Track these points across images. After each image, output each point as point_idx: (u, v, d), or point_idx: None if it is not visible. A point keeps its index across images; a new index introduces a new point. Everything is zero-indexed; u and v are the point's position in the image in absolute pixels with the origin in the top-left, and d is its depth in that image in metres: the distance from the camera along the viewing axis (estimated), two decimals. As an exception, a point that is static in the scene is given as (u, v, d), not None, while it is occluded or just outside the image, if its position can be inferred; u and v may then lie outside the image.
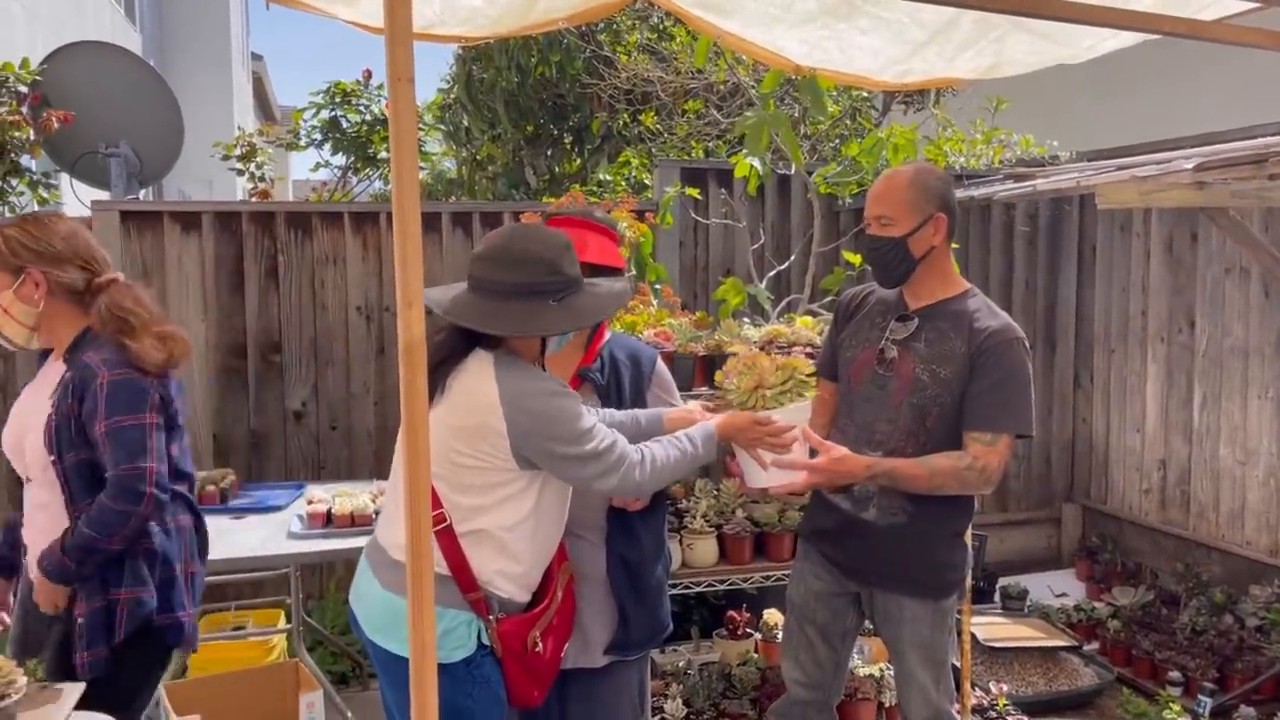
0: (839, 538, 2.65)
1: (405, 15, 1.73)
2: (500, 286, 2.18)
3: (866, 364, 2.61)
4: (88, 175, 5.17)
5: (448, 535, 2.20)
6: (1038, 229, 5.90)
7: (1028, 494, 6.01)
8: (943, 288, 2.60)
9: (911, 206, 2.52)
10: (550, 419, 2.16)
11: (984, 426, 2.45)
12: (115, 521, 2.31)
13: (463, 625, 2.21)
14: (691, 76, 6.21)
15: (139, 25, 13.16)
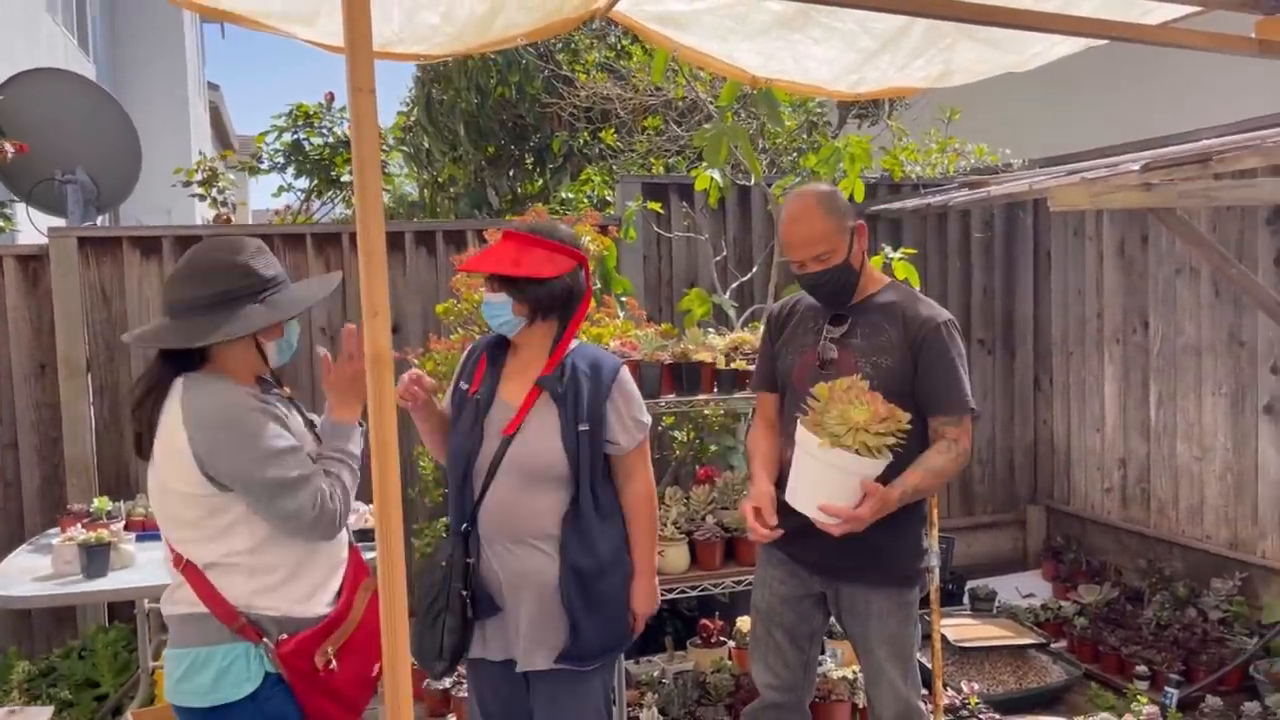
0: (801, 537, 2.66)
1: (365, 26, 1.75)
2: (198, 301, 2.14)
3: (808, 367, 2.67)
4: (44, 203, 5.12)
5: (193, 571, 2.13)
6: (994, 235, 6.01)
7: (992, 497, 6.08)
8: (867, 285, 2.73)
9: (838, 231, 2.62)
10: (232, 432, 2.08)
11: (950, 411, 2.58)
12: None
13: (240, 658, 2.12)
14: (650, 94, 6.27)
15: (92, 56, 13.04)
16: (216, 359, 2.20)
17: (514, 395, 2.57)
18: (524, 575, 2.50)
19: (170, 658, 2.17)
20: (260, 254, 2.24)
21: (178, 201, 11.16)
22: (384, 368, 1.73)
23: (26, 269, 4.54)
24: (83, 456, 4.53)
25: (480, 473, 2.53)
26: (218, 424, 2.09)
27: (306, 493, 2.12)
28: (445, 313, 4.10)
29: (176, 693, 2.16)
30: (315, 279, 2.40)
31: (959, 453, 2.57)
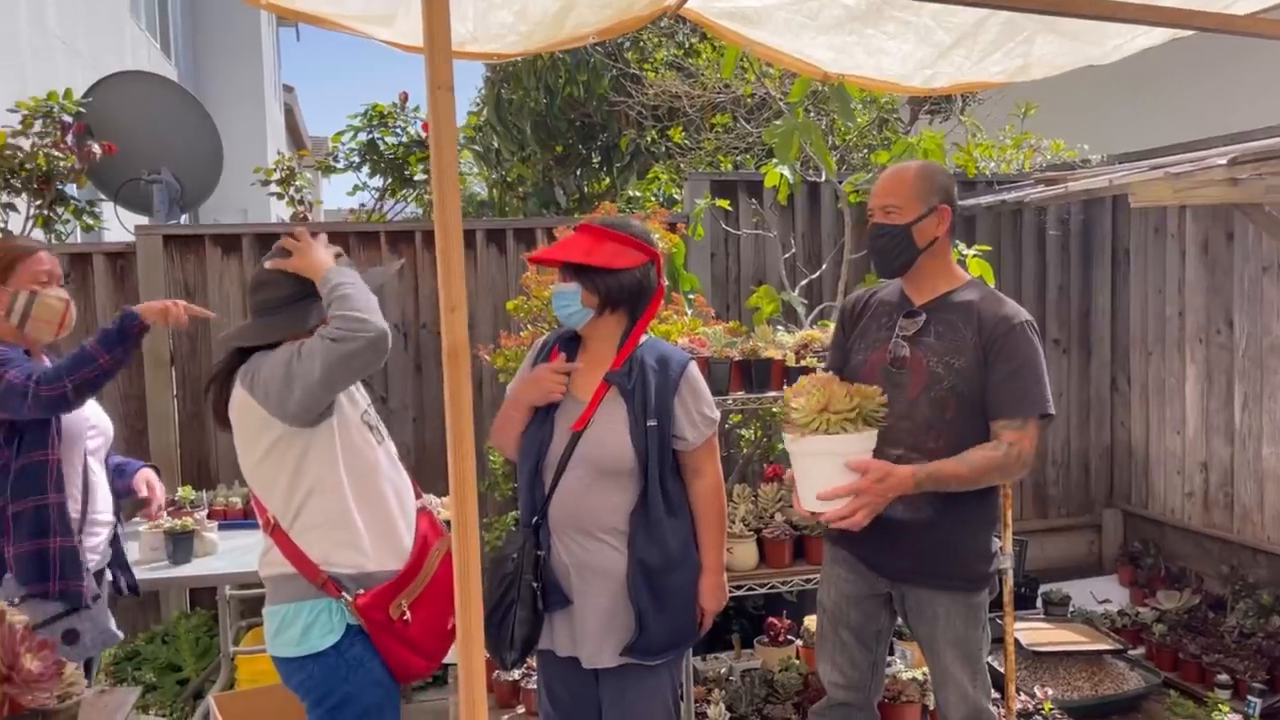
0: (867, 537, 2.63)
1: (444, 25, 1.79)
2: (272, 303, 2.41)
3: (878, 364, 2.63)
4: (131, 202, 5.29)
5: (280, 534, 2.37)
6: (1070, 232, 5.88)
7: (1067, 500, 5.96)
8: (945, 281, 2.65)
9: (917, 196, 2.59)
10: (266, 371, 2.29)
11: (1012, 413, 2.49)
12: None
13: (323, 613, 2.34)
14: (718, 91, 6.27)
15: (174, 60, 13.43)
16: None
17: (583, 390, 2.59)
18: (593, 569, 2.53)
19: (267, 614, 2.41)
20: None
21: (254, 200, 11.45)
22: (461, 360, 1.76)
23: (115, 266, 4.70)
24: (167, 447, 4.68)
25: (550, 467, 2.56)
26: (264, 370, 2.31)
27: (315, 343, 2.25)
28: (515, 309, 4.15)
29: (273, 645, 2.39)
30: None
31: (1013, 456, 2.45)
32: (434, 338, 4.96)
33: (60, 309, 2.70)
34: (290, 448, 2.34)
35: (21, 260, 2.67)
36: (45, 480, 2.60)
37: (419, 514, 2.55)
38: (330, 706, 2.36)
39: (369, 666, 2.37)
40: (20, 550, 2.57)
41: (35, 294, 2.65)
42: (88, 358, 2.54)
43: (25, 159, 4.72)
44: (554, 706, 2.71)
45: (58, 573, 2.60)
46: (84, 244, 5.26)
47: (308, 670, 2.35)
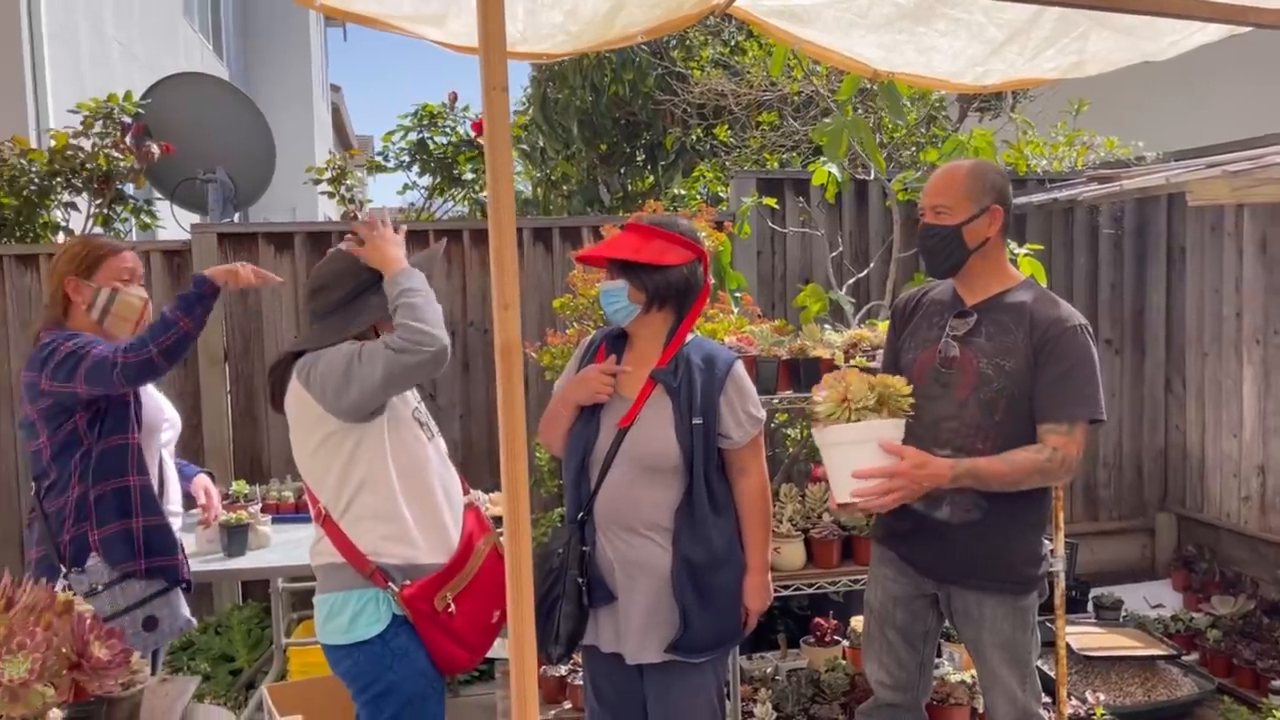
0: (913, 539, 2.64)
1: (499, 26, 1.81)
2: (329, 306, 2.48)
3: (928, 363, 2.60)
4: (186, 201, 5.40)
5: (330, 524, 2.43)
6: (1123, 231, 5.79)
7: (1119, 503, 5.87)
8: (998, 281, 2.61)
9: (968, 196, 2.55)
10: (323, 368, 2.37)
11: (1059, 417, 2.45)
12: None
13: (370, 602, 2.39)
14: (765, 89, 6.25)
15: (226, 61, 13.66)
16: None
17: (629, 387, 2.61)
18: (638, 565, 2.54)
19: (317, 602, 2.50)
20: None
21: (302, 199, 11.60)
22: (514, 358, 1.77)
23: (171, 263, 4.80)
24: (221, 442, 4.77)
25: (596, 463, 2.58)
26: (318, 365, 2.39)
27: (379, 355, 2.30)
28: (562, 307, 4.18)
29: (322, 632, 2.47)
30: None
31: (1057, 460, 2.42)
32: (481, 336, 5.00)
33: (139, 307, 2.78)
34: (343, 442, 2.40)
35: (107, 258, 2.75)
36: (126, 462, 2.67)
37: (466, 509, 2.60)
38: (375, 694, 2.41)
39: (413, 656, 2.42)
40: (105, 532, 2.64)
41: (117, 291, 2.74)
42: (169, 323, 2.59)
43: (86, 159, 4.84)
44: (599, 702, 2.73)
45: (143, 551, 2.67)
46: (141, 242, 5.37)
47: (354, 658, 2.41)
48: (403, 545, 2.41)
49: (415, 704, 2.43)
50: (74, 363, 2.56)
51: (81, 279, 2.72)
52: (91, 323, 2.73)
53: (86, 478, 2.64)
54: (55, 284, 2.75)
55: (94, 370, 2.55)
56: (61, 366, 2.57)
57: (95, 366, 2.55)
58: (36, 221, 4.89)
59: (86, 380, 2.56)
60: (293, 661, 4.07)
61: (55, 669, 1.51)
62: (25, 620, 1.50)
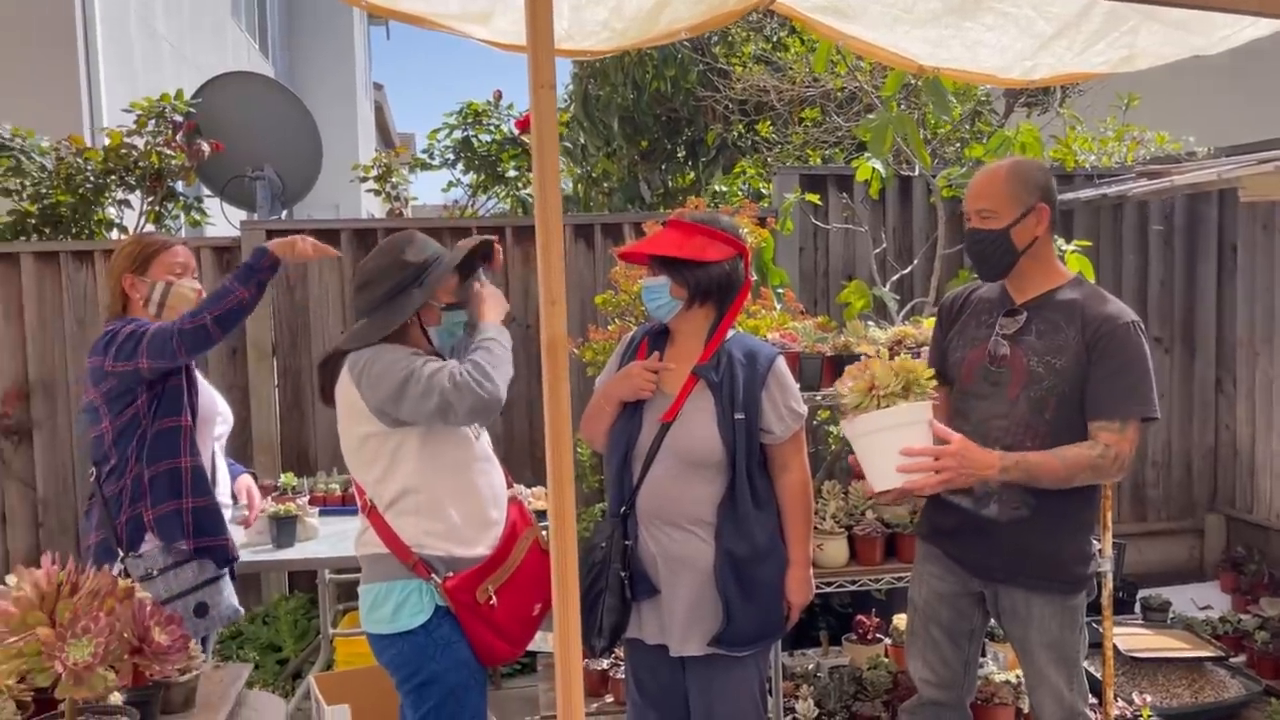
0: (960, 536, 2.62)
1: (547, 24, 1.82)
2: (374, 303, 2.51)
3: (977, 362, 2.58)
4: (235, 198, 5.49)
5: (375, 515, 2.48)
6: (1173, 228, 5.69)
7: (1167, 503, 5.78)
8: (1047, 279, 2.58)
9: (1012, 198, 2.52)
10: (377, 371, 2.41)
11: (1111, 415, 2.42)
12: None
13: (414, 593, 2.44)
14: (807, 85, 6.22)
15: (271, 60, 13.84)
16: (390, 340, 2.50)
17: (671, 383, 2.62)
18: (680, 559, 2.56)
19: (361, 591, 2.53)
20: (411, 244, 2.53)
21: (345, 196, 11.73)
22: (559, 353, 1.79)
23: (221, 259, 4.88)
24: (269, 435, 4.85)
25: (639, 458, 2.60)
26: (370, 371, 2.43)
27: (439, 386, 2.34)
28: (604, 304, 4.19)
29: (366, 621, 2.51)
30: (461, 242, 2.63)
31: (1109, 458, 2.38)
32: (523, 332, 5.03)
33: (193, 299, 2.87)
34: (387, 440, 2.45)
35: (159, 253, 2.86)
36: (179, 444, 2.76)
37: (509, 503, 2.64)
38: (418, 684, 2.45)
39: (456, 647, 2.46)
40: (159, 511, 2.72)
41: (171, 284, 2.84)
42: (226, 291, 2.66)
43: (139, 157, 4.93)
44: (641, 695, 2.74)
45: (191, 530, 2.75)
46: (191, 239, 5.47)
47: (398, 647, 2.45)
48: (445, 540, 2.46)
49: (458, 694, 2.47)
50: (135, 341, 2.66)
51: (137, 275, 2.83)
52: (150, 317, 2.83)
53: (142, 458, 2.73)
54: (114, 282, 2.87)
55: (155, 342, 2.65)
56: (124, 347, 2.67)
57: (155, 337, 2.65)
58: (92, 219, 5.00)
59: (149, 354, 2.65)
60: (339, 651, 4.13)
61: (117, 653, 1.56)
62: (89, 605, 1.55)
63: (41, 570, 1.59)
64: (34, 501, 4.78)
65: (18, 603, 1.53)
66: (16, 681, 1.56)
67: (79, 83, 6.65)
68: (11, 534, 4.78)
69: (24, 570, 1.59)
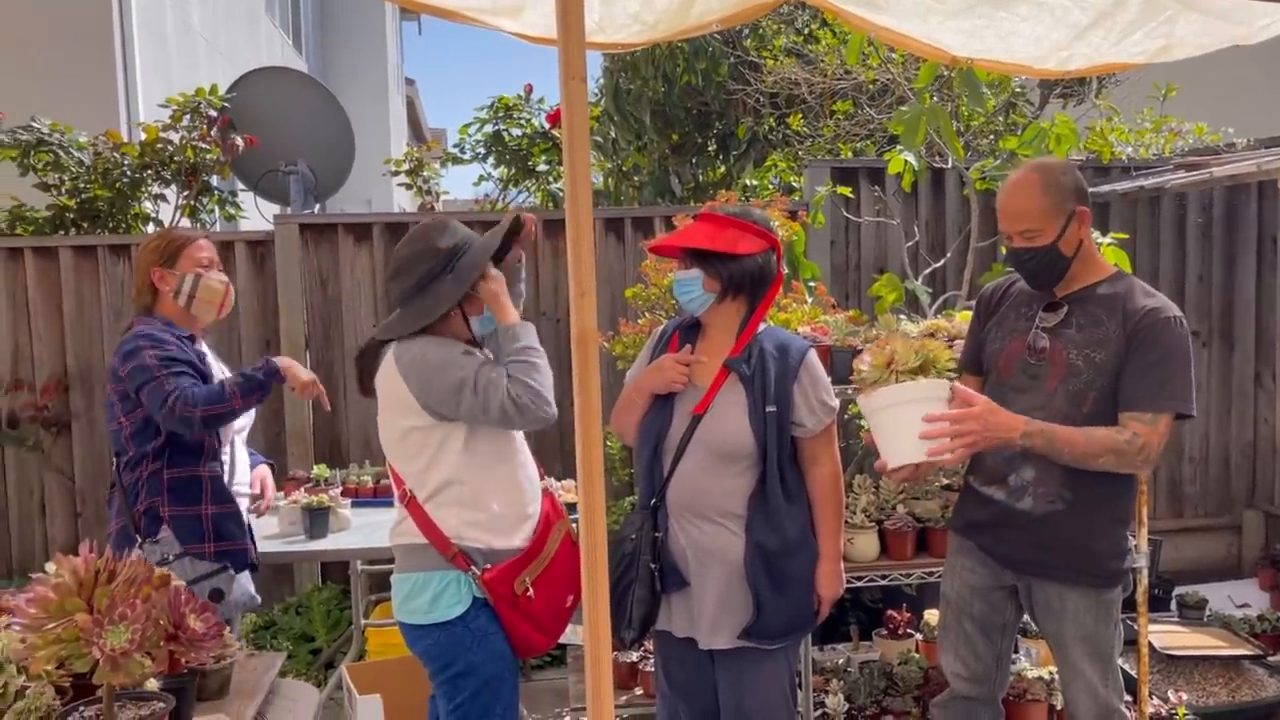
0: (994, 529, 2.61)
1: (578, 16, 1.82)
2: (407, 292, 2.50)
3: (1016, 354, 2.56)
4: (269, 192, 5.54)
5: (415, 506, 2.49)
6: (1212, 220, 5.61)
7: (1205, 499, 5.70)
8: (1090, 273, 2.56)
9: (1053, 210, 2.48)
10: (428, 369, 2.42)
11: (1144, 406, 2.39)
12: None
13: (452, 584, 2.45)
14: (839, 77, 6.18)
15: (304, 55, 13.96)
16: (429, 330, 2.51)
17: (703, 376, 2.62)
18: (710, 552, 2.56)
19: (395, 581, 2.53)
20: (439, 230, 2.53)
21: (378, 190, 11.81)
22: (590, 345, 1.80)
23: (254, 253, 4.93)
24: (301, 427, 4.89)
25: (669, 450, 2.60)
26: (418, 367, 2.44)
27: (498, 401, 2.39)
28: (634, 297, 4.19)
29: (401, 611, 2.51)
30: (490, 231, 2.63)
31: (1136, 446, 2.35)
32: (553, 325, 5.05)
33: (221, 291, 2.94)
34: (432, 434, 2.46)
35: (186, 247, 2.91)
36: (198, 454, 2.82)
37: (542, 495, 2.65)
38: (454, 674, 2.47)
39: (493, 639, 2.47)
40: (176, 513, 2.78)
41: (200, 277, 2.89)
42: (224, 396, 2.72)
43: (175, 152, 4.99)
44: (671, 687, 2.75)
45: (212, 536, 2.80)
46: (226, 232, 5.53)
47: (434, 637, 2.46)
48: (485, 531, 2.47)
49: (492, 686, 2.48)
50: (143, 378, 2.71)
51: (165, 269, 2.88)
52: (179, 308, 2.89)
53: (162, 458, 2.79)
54: (142, 276, 2.92)
55: (152, 396, 2.70)
56: (134, 373, 2.72)
57: (154, 392, 2.69)
58: (128, 213, 5.06)
59: (145, 398, 2.72)
60: (371, 642, 4.16)
61: (154, 640, 1.58)
62: (126, 592, 1.57)
63: (80, 558, 1.62)
64: (72, 492, 4.86)
65: (57, 589, 1.56)
66: (55, 667, 1.58)
67: (115, 78, 6.74)
68: (51, 524, 4.86)
69: (63, 558, 1.62)
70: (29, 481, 4.85)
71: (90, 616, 1.53)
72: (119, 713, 1.66)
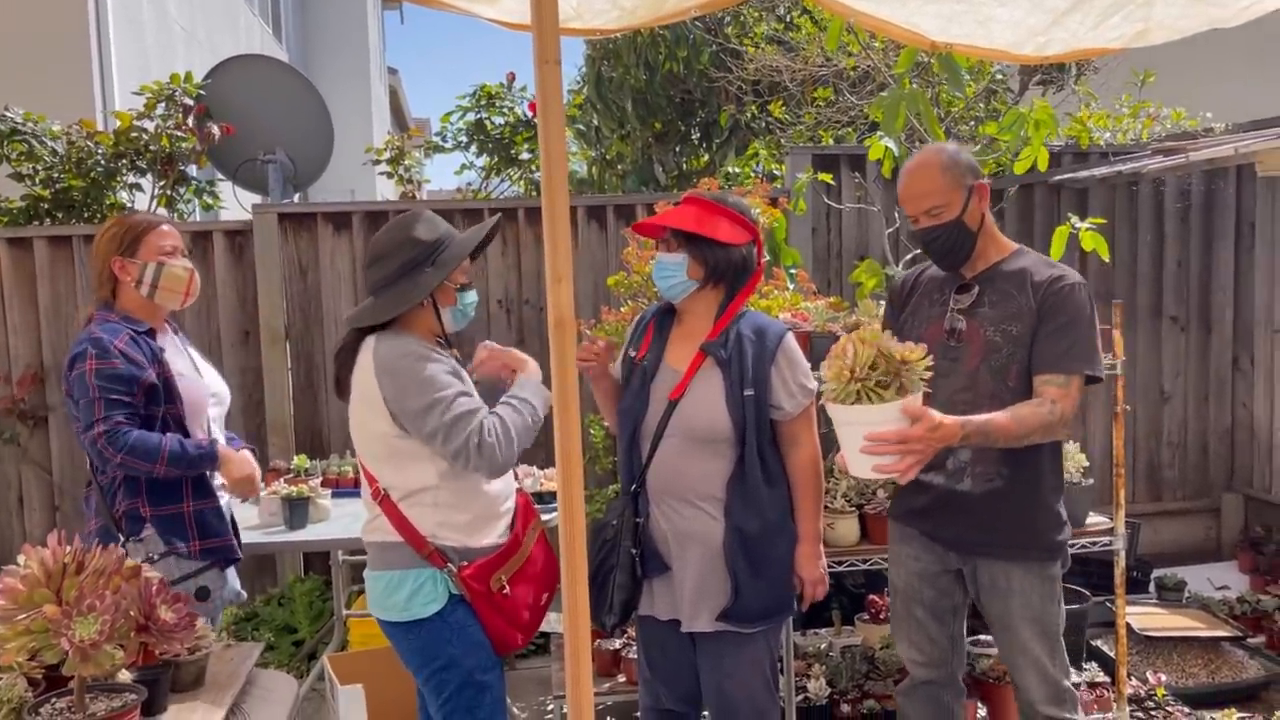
0: (936, 513, 2.63)
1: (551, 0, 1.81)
2: (386, 280, 2.45)
3: (934, 340, 2.56)
4: (247, 181, 5.49)
5: (389, 504, 2.45)
6: (1190, 206, 5.63)
7: (1183, 483, 5.74)
8: (994, 251, 2.63)
9: (955, 186, 2.55)
10: (407, 377, 2.37)
11: (1056, 369, 2.46)
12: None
13: (428, 581, 2.43)
14: (820, 64, 6.17)
15: (285, 44, 13.84)
16: (401, 320, 2.48)
17: (679, 360, 2.62)
18: (690, 535, 2.56)
19: (369, 578, 2.51)
20: (422, 221, 2.49)
21: (360, 179, 11.73)
22: (566, 331, 1.79)
23: (233, 243, 4.89)
24: (282, 417, 4.87)
25: (647, 435, 2.61)
26: (399, 370, 2.38)
27: (464, 434, 2.34)
28: (616, 285, 4.18)
29: (377, 608, 2.51)
30: (473, 228, 2.61)
31: (1056, 415, 2.39)
32: (536, 314, 5.04)
33: (185, 278, 2.82)
34: (403, 441, 2.42)
35: (147, 234, 2.78)
36: None
37: (518, 494, 2.65)
38: (437, 669, 2.45)
39: (471, 630, 2.46)
40: (160, 512, 2.69)
41: (163, 264, 2.77)
42: (151, 457, 2.60)
43: (150, 141, 4.94)
44: (652, 671, 2.75)
45: (196, 532, 2.73)
46: (204, 222, 5.48)
47: (414, 634, 2.45)
48: (460, 532, 2.45)
49: (476, 677, 2.47)
50: (79, 394, 2.62)
51: (126, 257, 2.75)
52: (141, 298, 2.77)
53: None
54: (100, 266, 2.78)
55: (83, 414, 2.61)
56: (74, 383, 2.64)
57: (84, 413, 2.60)
58: (104, 202, 5.01)
59: (76, 411, 2.64)
60: (353, 632, 4.15)
61: (124, 630, 1.57)
62: (95, 583, 1.55)
63: (48, 549, 1.60)
64: (50, 485, 4.82)
65: (25, 580, 1.54)
66: (27, 659, 1.57)
67: (91, 66, 6.67)
68: (29, 517, 4.82)
69: (31, 549, 1.60)
70: (6, 475, 4.81)
71: (59, 608, 1.52)
72: (91, 704, 1.64)
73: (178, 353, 2.87)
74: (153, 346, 2.74)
